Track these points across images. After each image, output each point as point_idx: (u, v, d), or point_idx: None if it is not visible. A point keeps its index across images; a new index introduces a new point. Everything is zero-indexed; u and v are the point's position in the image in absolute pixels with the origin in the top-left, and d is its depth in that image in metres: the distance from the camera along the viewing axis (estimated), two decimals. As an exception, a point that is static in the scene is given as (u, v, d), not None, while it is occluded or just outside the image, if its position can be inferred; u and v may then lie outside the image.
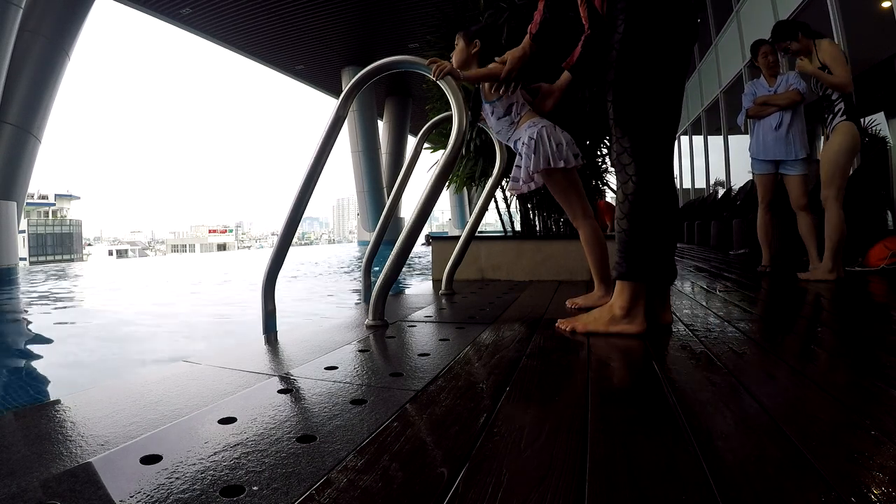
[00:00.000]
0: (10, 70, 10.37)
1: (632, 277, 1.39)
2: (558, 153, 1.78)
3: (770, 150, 3.13)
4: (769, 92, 3.17)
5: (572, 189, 1.88)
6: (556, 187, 1.89)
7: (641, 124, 1.37)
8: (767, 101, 3.13)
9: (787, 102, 3.08)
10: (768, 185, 3.23)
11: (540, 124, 1.81)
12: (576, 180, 1.88)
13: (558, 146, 1.79)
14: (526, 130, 1.82)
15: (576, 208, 1.90)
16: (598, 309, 1.48)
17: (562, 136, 1.81)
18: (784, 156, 3.09)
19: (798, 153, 3.08)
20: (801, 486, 0.58)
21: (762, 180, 3.24)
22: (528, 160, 1.80)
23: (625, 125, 1.38)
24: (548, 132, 1.79)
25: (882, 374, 1.03)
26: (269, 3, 14.18)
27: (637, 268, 1.38)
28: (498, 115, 1.87)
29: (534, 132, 1.79)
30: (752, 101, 3.21)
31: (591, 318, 1.45)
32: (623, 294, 1.40)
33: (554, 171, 1.82)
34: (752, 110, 3.19)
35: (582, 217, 1.90)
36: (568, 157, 1.79)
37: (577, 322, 1.45)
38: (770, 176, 3.20)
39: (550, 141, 1.78)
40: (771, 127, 3.12)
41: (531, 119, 1.84)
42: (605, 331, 1.40)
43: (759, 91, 3.21)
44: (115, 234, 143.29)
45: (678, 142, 12.04)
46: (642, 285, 1.39)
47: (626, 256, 1.39)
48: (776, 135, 3.10)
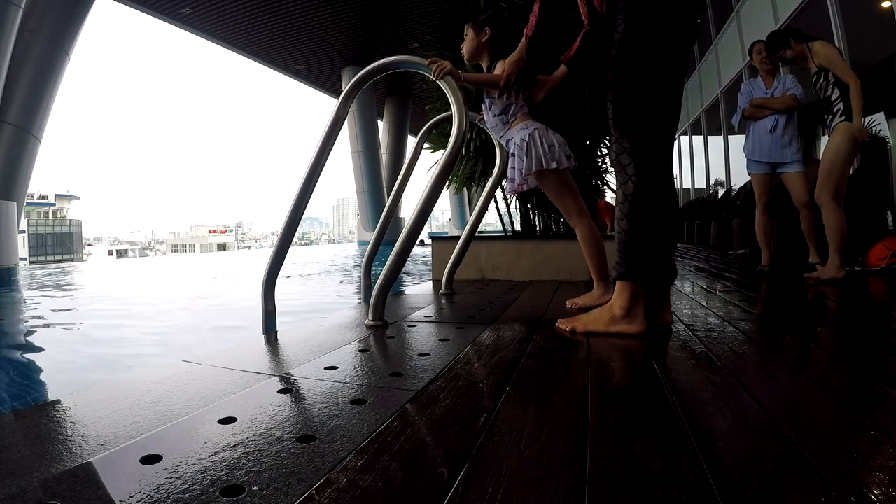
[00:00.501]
0: (10, 70, 10.37)
1: (632, 277, 1.38)
2: (550, 155, 1.80)
3: (765, 151, 3.15)
4: (766, 94, 3.18)
5: (566, 189, 1.89)
6: (549, 188, 1.90)
7: (641, 124, 1.37)
8: (764, 104, 3.14)
9: (784, 107, 3.09)
10: (765, 185, 3.24)
11: (532, 126, 1.83)
12: (569, 181, 1.89)
13: (550, 148, 1.81)
14: (518, 132, 1.84)
15: (571, 208, 1.91)
16: (598, 309, 1.47)
17: (553, 138, 1.83)
18: (779, 158, 3.11)
19: (792, 156, 3.10)
20: (800, 486, 0.58)
21: (759, 180, 3.25)
22: (520, 162, 1.83)
23: (624, 125, 1.38)
24: (539, 134, 1.82)
25: (882, 374, 1.03)
26: (269, 3, 14.18)
27: (637, 268, 1.38)
28: (494, 112, 1.89)
29: (525, 134, 1.82)
30: (748, 102, 3.21)
31: (591, 318, 1.44)
32: (623, 294, 1.39)
33: (547, 173, 1.83)
34: (748, 111, 3.20)
35: (577, 216, 1.91)
36: (560, 159, 1.81)
37: (577, 322, 1.44)
38: (766, 176, 3.21)
39: (542, 143, 1.80)
40: (766, 129, 3.13)
41: (524, 121, 1.86)
42: (605, 331, 1.39)
43: (756, 92, 3.22)
44: (115, 234, 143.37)
45: (678, 142, 12.04)
46: (642, 285, 1.39)
47: (626, 257, 1.39)
48: (771, 137, 3.12)
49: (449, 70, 1.57)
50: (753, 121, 3.20)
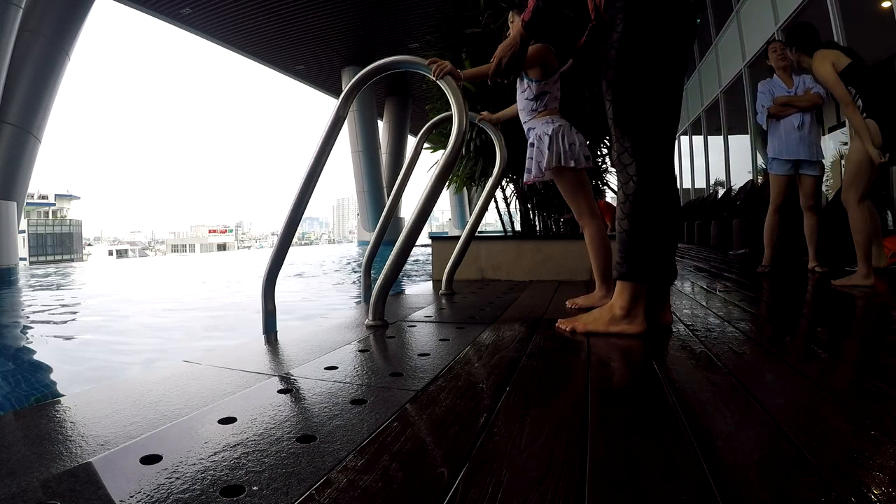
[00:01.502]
0: (10, 70, 10.38)
1: (632, 278, 1.38)
2: (570, 153, 1.82)
3: (793, 149, 3.11)
4: (788, 92, 3.16)
5: (580, 189, 1.90)
6: (564, 186, 1.91)
7: (641, 124, 1.37)
8: (789, 102, 3.11)
9: (810, 104, 3.07)
10: (784, 187, 3.18)
11: (557, 122, 1.85)
12: (585, 180, 1.91)
13: (571, 146, 1.83)
14: (542, 126, 1.86)
15: (583, 208, 1.92)
16: (599, 309, 1.47)
17: (575, 137, 1.86)
18: (807, 156, 3.08)
19: (819, 154, 3.09)
20: (801, 486, 0.58)
21: (780, 181, 3.19)
22: (539, 155, 1.84)
23: (624, 125, 1.38)
24: (563, 131, 1.84)
25: (882, 374, 1.03)
26: (269, 3, 14.18)
27: (638, 268, 1.38)
28: (528, 95, 1.89)
29: (549, 129, 1.83)
30: (770, 100, 3.17)
31: (592, 318, 1.44)
32: (623, 294, 1.39)
33: (564, 170, 1.85)
34: (774, 110, 3.16)
35: (589, 216, 1.92)
36: (579, 158, 1.83)
37: (578, 322, 1.44)
38: (789, 178, 3.17)
39: (564, 140, 1.82)
40: (794, 126, 3.10)
41: (551, 115, 1.87)
42: (605, 331, 1.39)
43: (777, 91, 3.18)
44: (115, 234, 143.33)
45: (678, 142, 12.04)
46: (643, 285, 1.39)
47: (627, 256, 1.39)
48: (799, 135, 3.08)
49: (449, 70, 1.57)
50: (778, 119, 3.16)
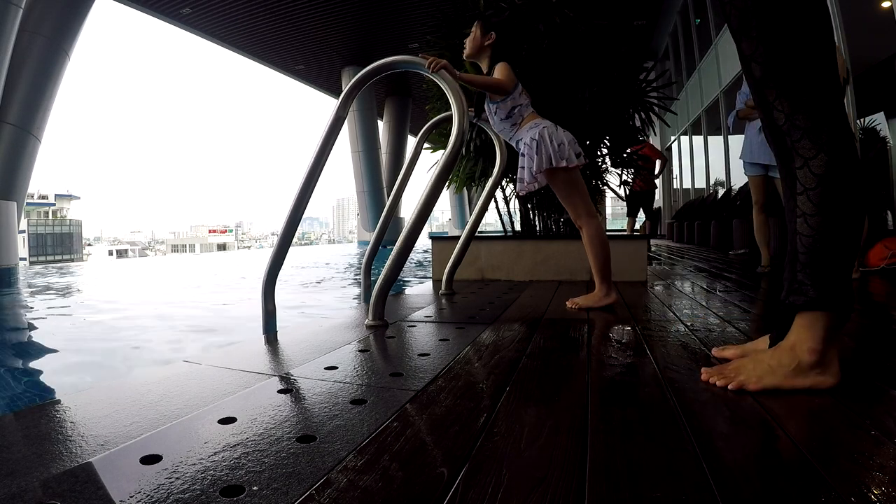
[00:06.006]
0: (10, 70, 10.37)
1: (829, 306, 0.94)
2: (560, 153, 1.80)
3: (756, 153, 3.13)
4: None
5: (575, 188, 1.89)
6: (558, 186, 1.90)
7: (821, 67, 0.95)
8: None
9: None
10: (760, 187, 3.23)
11: (541, 125, 1.83)
12: (578, 179, 1.89)
13: (560, 146, 1.81)
14: (528, 131, 1.84)
15: (579, 207, 1.90)
16: (771, 352, 1.00)
17: (563, 136, 1.83)
18: (769, 160, 3.06)
19: None
20: (800, 485, 0.58)
21: (754, 182, 3.26)
22: (530, 161, 1.82)
23: (787, 79, 0.95)
24: (549, 132, 1.81)
25: (882, 374, 1.03)
26: (269, 3, 14.17)
27: (836, 290, 0.94)
28: (500, 116, 1.89)
29: (535, 133, 1.81)
30: (744, 102, 3.18)
31: (764, 368, 0.96)
32: (814, 331, 0.95)
33: (556, 171, 1.83)
34: (742, 112, 3.17)
35: (585, 216, 1.90)
36: (570, 157, 1.81)
37: (742, 374, 0.96)
38: (761, 178, 3.21)
39: (552, 141, 1.80)
40: (757, 131, 3.09)
41: (533, 120, 1.86)
42: (789, 386, 0.94)
43: None
44: (115, 234, 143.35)
45: (678, 141, 12.05)
46: (839, 318, 0.95)
47: (817, 273, 0.94)
48: (760, 139, 3.06)
49: (444, 65, 1.57)
50: (748, 121, 3.18)
